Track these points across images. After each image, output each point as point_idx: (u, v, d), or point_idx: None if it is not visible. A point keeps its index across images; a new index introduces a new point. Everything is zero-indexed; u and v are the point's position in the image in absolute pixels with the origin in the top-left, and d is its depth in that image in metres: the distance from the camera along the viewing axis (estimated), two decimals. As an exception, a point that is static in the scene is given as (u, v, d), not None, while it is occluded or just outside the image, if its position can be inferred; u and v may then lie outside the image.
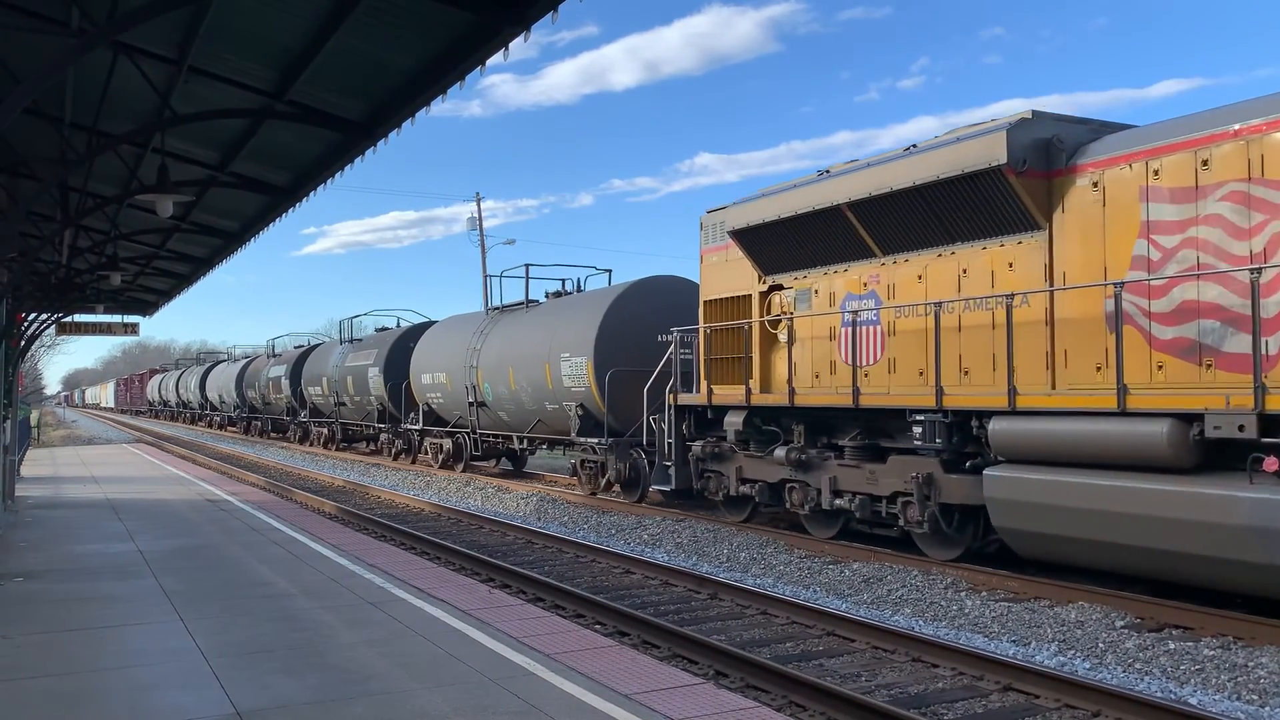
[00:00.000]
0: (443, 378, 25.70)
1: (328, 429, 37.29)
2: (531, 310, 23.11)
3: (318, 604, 8.96)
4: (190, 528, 14.36)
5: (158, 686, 6.57)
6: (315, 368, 37.67)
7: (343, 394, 33.89)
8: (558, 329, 20.61)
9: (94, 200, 13.45)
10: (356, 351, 33.21)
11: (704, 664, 8.44)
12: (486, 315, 25.13)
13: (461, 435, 25.79)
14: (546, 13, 7.01)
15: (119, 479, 23.22)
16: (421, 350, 27.66)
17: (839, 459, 13.52)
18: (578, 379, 19.55)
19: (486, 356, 23.37)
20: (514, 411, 22.67)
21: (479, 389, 23.67)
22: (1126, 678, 8.20)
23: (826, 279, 14.22)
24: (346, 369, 33.31)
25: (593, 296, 20.97)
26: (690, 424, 16.45)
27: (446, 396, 25.83)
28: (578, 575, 12.68)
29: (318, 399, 37.38)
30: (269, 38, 8.89)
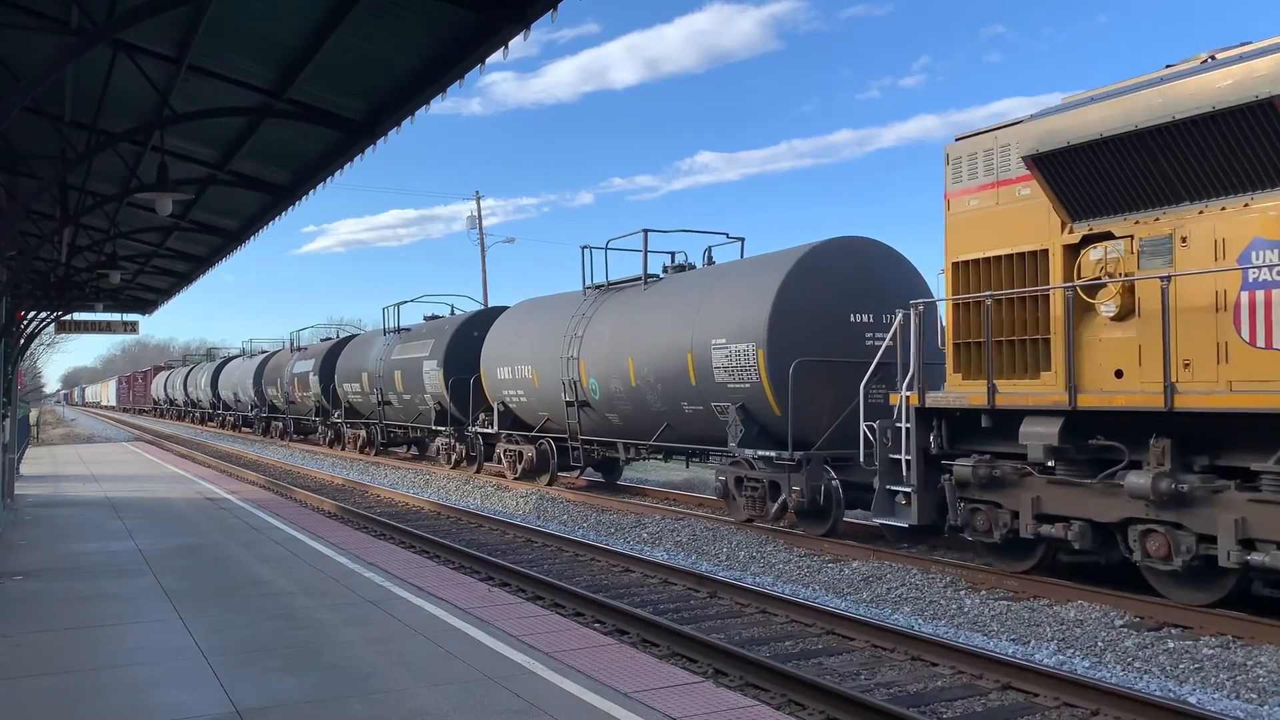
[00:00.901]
0: (526, 372, 21.42)
1: (365, 431, 32.87)
2: (654, 287, 18.42)
3: (317, 602, 8.96)
4: (190, 526, 14.36)
5: (157, 685, 6.57)
6: (352, 362, 32.85)
7: (388, 392, 29.27)
8: (705, 309, 16.09)
9: (93, 198, 13.46)
10: (406, 343, 28.46)
11: (703, 662, 8.44)
12: (584, 295, 20.44)
13: (546, 441, 21.68)
14: (546, 11, 7.02)
15: (119, 477, 23.22)
16: (495, 340, 23.29)
17: (1250, 491, 9.08)
18: (741, 372, 15.14)
19: (592, 345, 18.95)
20: (632, 414, 18.17)
21: (581, 385, 19.32)
22: (1126, 676, 8.20)
23: (1205, 219, 9.58)
24: (394, 363, 28.67)
25: (757, 266, 16.21)
26: (942, 435, 11.88)
27: (531, 394, 21.56)
28: (577, 574, 12.68)
29: (354, 397, 32.78)
30: (268, 36, 8.89)
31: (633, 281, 19.34)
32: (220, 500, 17.85)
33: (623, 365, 17.91)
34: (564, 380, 19.81)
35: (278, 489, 22.44)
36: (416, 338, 28.15)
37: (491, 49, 7.76)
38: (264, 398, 45.26)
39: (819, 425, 14.39)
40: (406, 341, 28.63)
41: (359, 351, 32.84)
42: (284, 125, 10.78)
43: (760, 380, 14.81)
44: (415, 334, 28.65)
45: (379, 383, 29.94)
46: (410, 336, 28.77)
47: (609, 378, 18.41)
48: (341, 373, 33.70)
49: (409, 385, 27.89)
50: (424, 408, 27.48)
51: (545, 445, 21.74)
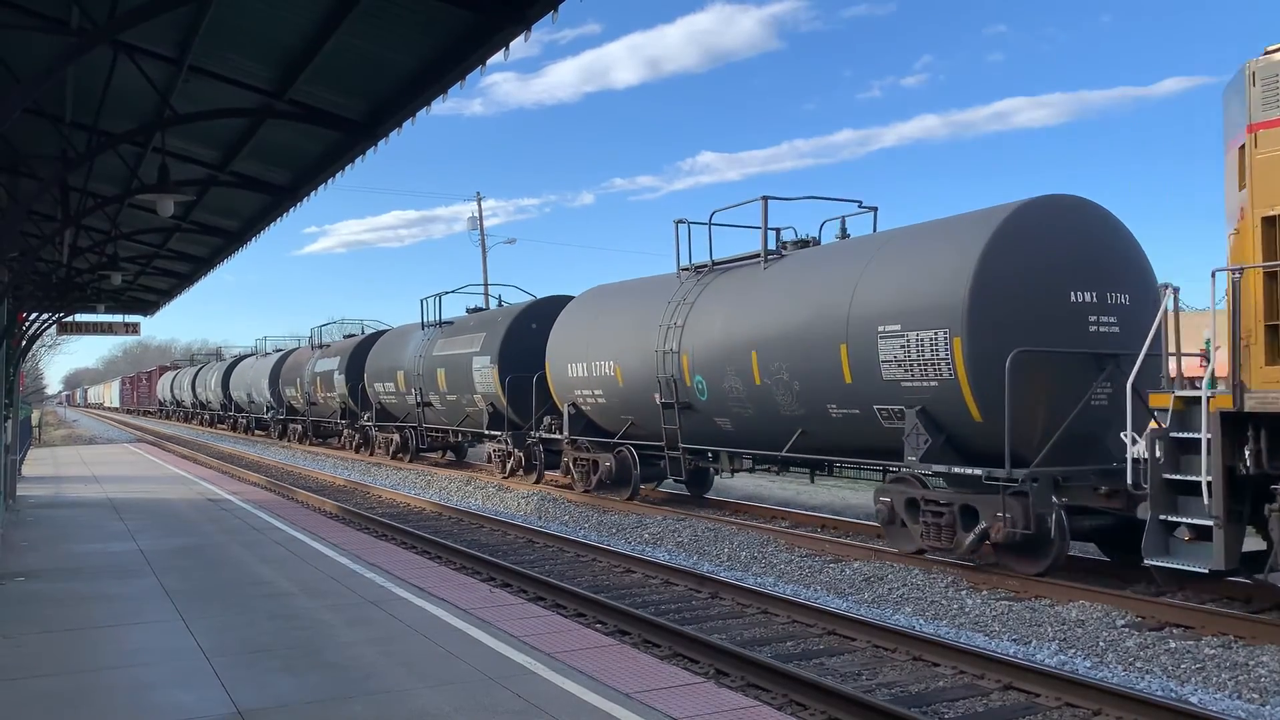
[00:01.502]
0: (607, 369, 18.53)
1: (399, 435, 29.92)
2: (777, 266, 15.29)
3: (318, 603, 8.97)
4: (191, 527, 14.37)
5: (158, 686, 6.57)
6: (385, 359, 29.94)
7: (429, 392, 26.40)
8: (864, 288, 12.93)
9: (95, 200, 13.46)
10: (450, 337, 25.70)
11: (705, 663, 8.44)
12: (680, 278, 17.43)
13: (627, 449, 18.58)
14: (547, 12, 7.02)
15: (120, 478, 23.23)
16: (565, 333, 20.30)
17: None
18: (924, 367, 11.90)
19: (697, 336, 16.06)
20: (753, 418, 15.15)
21: (682, 384, 16.43)
22: (1127, 676, 8.20)
23: None
24: (436, 360, 25.85)
25: (939, 232, 12.85)
26: (1261, 448, 8.86)
27: (613, 395, 18.60)
28: (579, 574, 12.68)
29: (388, 398, 29.85)
30: (269, 37, 8.89)
31: (748, 260, 16.23)
32: (222, 501, 17.86)
33: (743, 360, 14.88)
34: (660, 378, 16.84)
35: (279, 490, 22.45)
36: (463, 331, 25.34)
37: (492, 50, 7.76)
38: (281, 399, 42.43)
39: (1032, 434, 11.31)
40: (450, 336, 25.78)
41: (393, 348, 29.86)
42: (285, 126, 10.79)
43: (956, 376, 11.59)
44: (460, 327, 25.80)
45: (418, 382, 27.00)
46: (455, 330, 25.95)
47: (722, 375, 15.41)
48: (373, 371, 30.80)
49: (455, 384, 24.98)
50: (472, 409, 24.60)
51: (626, 453, 18.65)
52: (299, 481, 25.94)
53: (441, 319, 27.37)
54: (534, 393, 21.36)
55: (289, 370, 41.02)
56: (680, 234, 17.35)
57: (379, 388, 30.36)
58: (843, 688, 7.49)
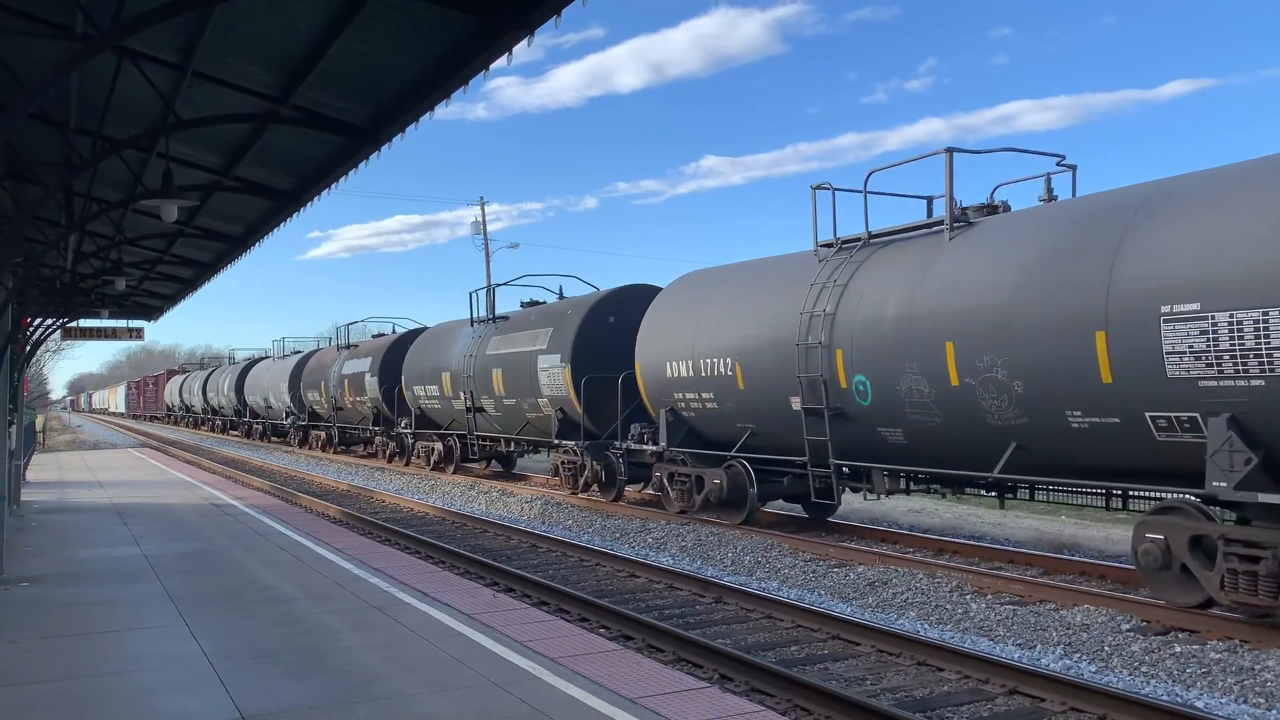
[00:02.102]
0: (722, 367, 15.52)
1: (442, 444, 27.21)
2: (968, 234, 12.15)
3: (322, 608, 8.96)
4: (195, 532, 14.37)
5: (162, 691, 6.57)
6: (427, 360, 26.94)
7: (481, 395, 23.54)
8: (1130, 255, 9.95)
9: (99, 205, 13.48)
10: (508, 334, 22.82)
11: (709, 668, 8.43)
12: (819, 256, 14.42)
13: (740, 464, 15.52)
14: (550, 16, 7.01)
15: (124, 483, 23.25)
16: (659, 326, 17.30)
17: None
18: (1241, 360, 9.01)
19: (857, 325, 12.96)
20: (941, 428, 12.02)
21: (835, 386, 13.22)
22: (1133, 681, 8.18)
23: None
24: (491, 359, 23.10)
25: (1262, 173, 9.52)
26: None
27: (729, 399, 15.53)
28: (582, 579, 12.67)
29: (430, 403, 26.94)
30: (273, 42, 8.91)
31: (922, 229, 13.16)
32: (225, 506, 17.87)
33: (930, 354, 11.79)
34: (801, 379, 13.69)
35: (283, 495, 22.46)
36: (523, 327, 22.41)
37: (495, 54, 7.76)
38: (302, 404, 39.65)
39: None
40: (508, 333, 22.88)
41: (435, 347, 26.86)
42: (288, 131, 10.80)
43: None
44: (520, 322, 22.83)
45: (469, 384, 24.03)
46: (513, 326, 22.97)
47: (896, 374, 12.26)
48: (412, 373, 27.79)
49: (515, 387, 22.05)
50: (535, 415, 21.64)
51: (740, 469, 15.53)
52: (303, 486, 25.94)
53: (495, 313, 24.36)
54: (619, 396, 18.55)
55: (312, 373, 38.30)
56: (820, 202, 14.59)
57: (419, 391, 27.45)
58: (847, 693, 7.47)
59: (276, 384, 43.24)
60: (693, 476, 16.61)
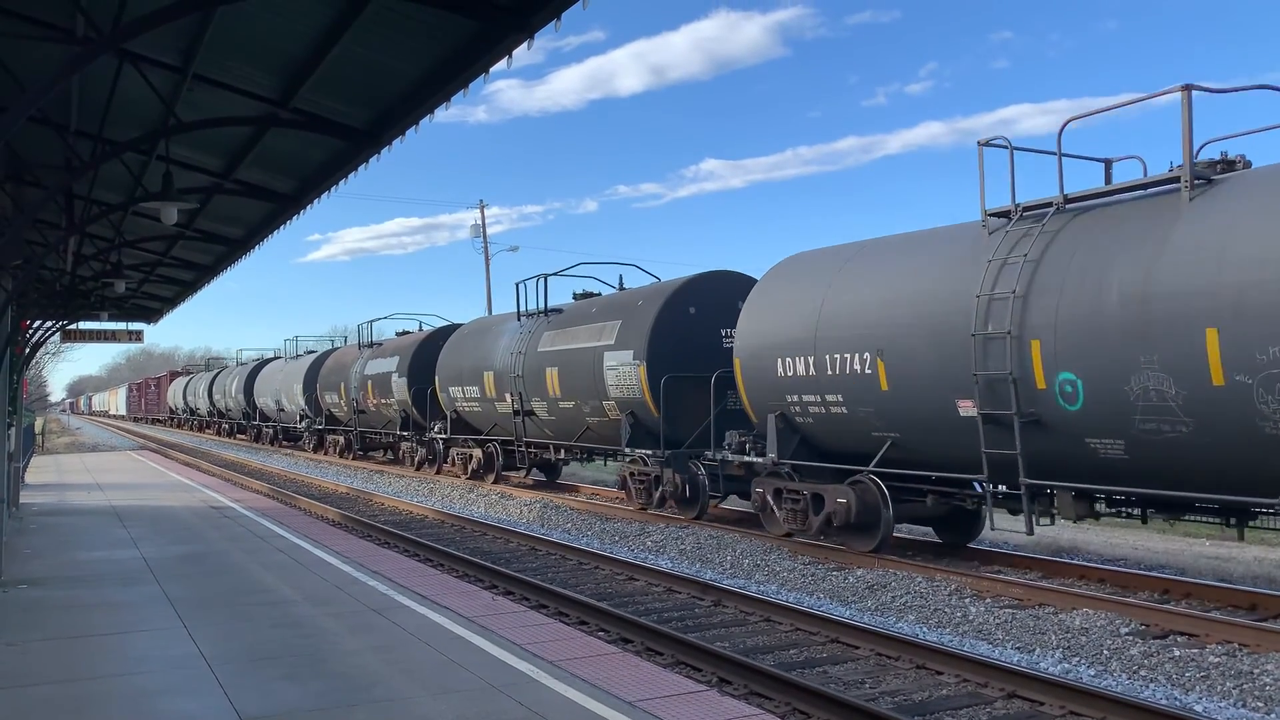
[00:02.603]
0: (859, 364, 12.79)
1: (481, 450, 24.68)
2: (1215, 192, 9.88)
3: (321, 611, 8.97)
4: (194, 534, 14.37)
5: (161, 693, 6.58)
6: (465, 358, 24.57)
7: (532, 398, 21.12)
8: None
9: (99, 208, 13.50)
10: (563, 329, 20.27)
11: (707, 671, 8.43)
12: (988, 228, 11.95)
13: (872, 481, 12.91)
14: (551, 20, 7.03)
15: (123, 486, 23.25)
16: (765, 317, 14.65)
17: None
18: None
19: (1063, 309, 10.66)
20: (1186, 439, 9.68)
21: (1030, 386, 10.86)
22: (1131, 684, 8.18)
23: None
24: (543, 357, 20.55)
25: None
26: None
27: (864, 401, 12.85)
28: (581, 582, 12.67)
29: (470, 406, 24.53)
30: (274, 45, 8.93)
31: (1143, 189, 10.69)
32: (225, 508, 17.87)
33: (1182, 346, 9.47)
34: (978, 376, 11.25)
35: (282, 497, 22.46)
36: (583, 320, 19.78)
37: (496, 58, 7.77)
38: (318, 407, 37.26)
39: None
40: (564, 327, 20.31)
41: (475, 344, 24.51)
42: (289, 134, 10.82)
43: None
44: (579, 315, 20.17)
45: (516, 385, 21.63)
46: (570, 319, 20.37)
47: (1124, 371, 9.95)
48: (448, 373, 25.47)
49: (574, 387, 19.54)
50: (598, 420, 19.08)
51: (872, 487, 12.87)
52: (302, 489, 25.93)
53: (548, 306, 21.78)
54: (710, 397, 16.16)
55: (330, 373, 35.73)
56: (980, 159, 12.01)
57: (455, 393, 25.00)
58: (846, 696, 7.47)
59: (290, 385, 40.95)
60: (807, 495, 13.83)
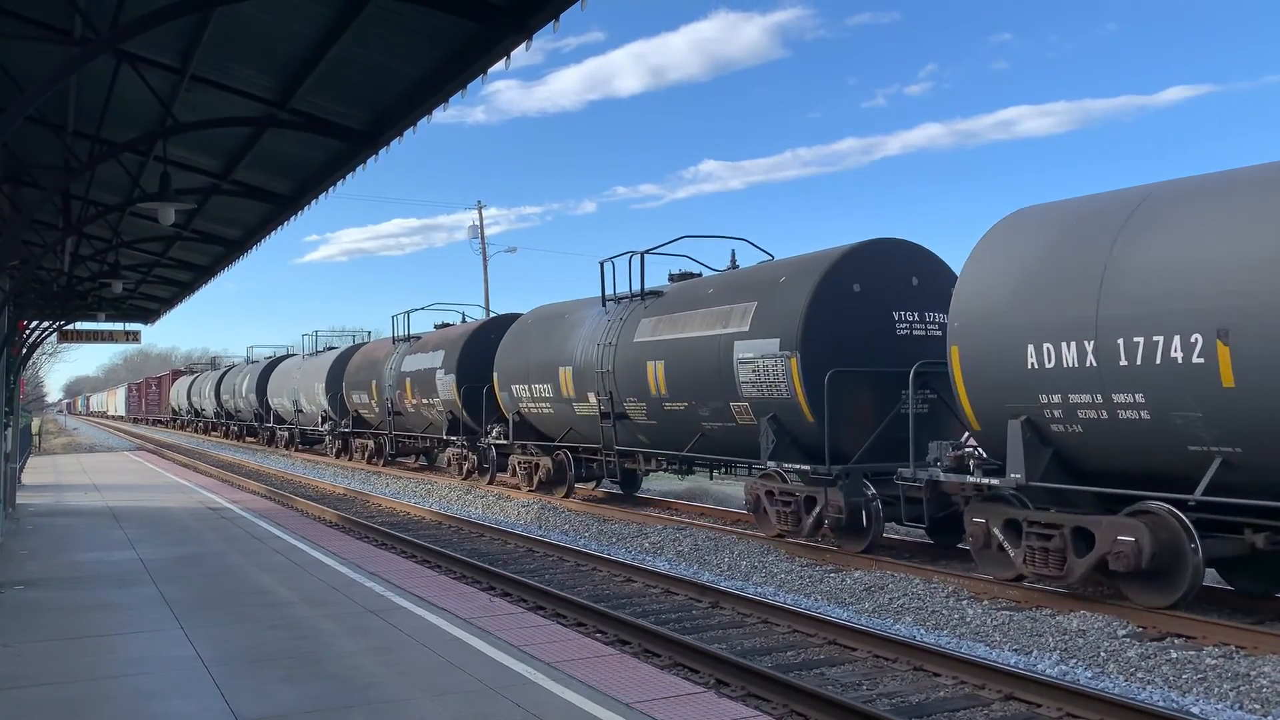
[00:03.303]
0: (1178, 350, 9.28)
1: (550, 459, 20.89)
2: None
3: (318, 612, 8.96)
4: (191, 536, 14.35)
5: (158, 695, 6.56)
6: (530, 351, 21.16)
7: (625, 398, 17.66)
8: None
9: (96, 208, 13.49)
10: (670, 315, 16.81)
11: (705, 672, 8.42)
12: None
13: (1171, 515, 9.54)
14: (549, 21, 7.04)
15: (120, 487, 23.22)
16: (996, 284, 11.14)
17: None
18: None
19: None
20: None
21: None
22: (1129, 687, 8.18)
23: None
24: (642, 349, 17.11)
25: None
26: None
27: (1182, 402, 9.32)
28: (579, 583, 12.67)
29: (537, 408, 21.11)
30: (272, 46, 8.92)
31: None
32: (222, 510, 17.84)
33: None
34: None
35: (279, 498, 22.44)
36: (695, 303, 16.32)
37: (494, 59, 7.78)
38: (344, 407, 33.99)
39: None
40: (670, 312, 16.80)
41: (545, 335, 21.03)
42: (287, 135, 10.82)
43: None
44: (689, 297, 16.74)
45: (604, 383, 18.19)
46: (677, 303, 16.86)
47: None
48: (509, 369, 21.99)
49: (690, 386, 15.96)
50: (719, 424, 15.57)
51: (1172, 523, 9.49)
52: (299, 490, 25.91)
53: (644, 288, 18.28)
54: (885, 398, 13.17)
55: (359, 371, 32.27)
56: None
57: (520, 392, 21.65)
58: (843, 698, 7.47)
59: (310, 384, 37.24)
60: (1066, 529, 10.32)
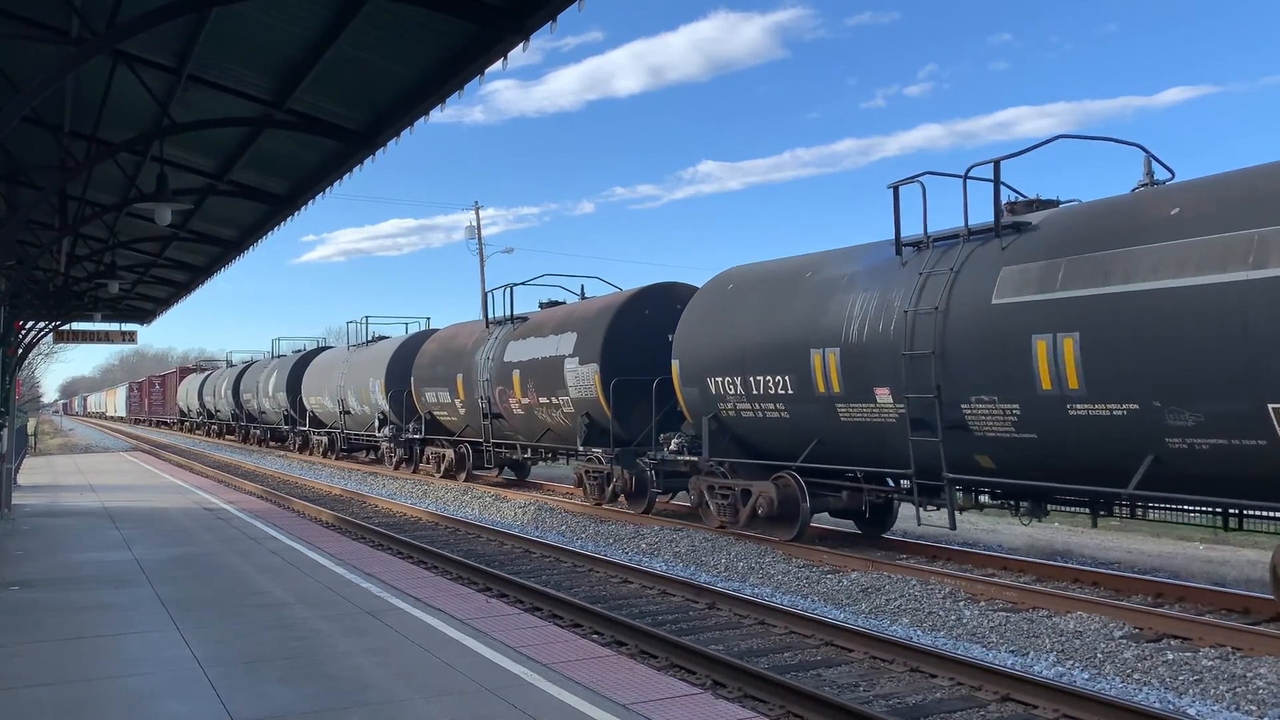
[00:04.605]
0: None
1: (775, 489, 14.05)
2: None
3: (315, 613, 8.94)
4: (187, 536, 14.33)
5: (154, 696, 6.55)
6: (747, 324, 14.73)
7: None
8: None
9: (93, 208, 13.49)
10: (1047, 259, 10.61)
11: (701, 674, 8.42)
12: None
13: None
14: (546, 22, 7.05)
15: (116, 487, 23.18)
16: None
17: None
18: None
19: None
20: None
21: None
22: (1125, 688, 8.19)
23: None
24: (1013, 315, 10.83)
25: None
26: None
27: None
28: (575, 584, 12.66)
29: (766, 411, 14.36)
30: (269, 47, 8.92)
31: None
32: (218, 510, 17.82)
33: None
34: None
35: (275, 499, 22.41)
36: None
37: (491, 60, 7.79)
38: (410, 409, 28.00)
39: None
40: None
41: (776, 297, 14.44)
42: (283, 135, 10.83)
43: None
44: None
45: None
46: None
47: None
48: (704, 355, 15.36)
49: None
50: None
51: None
52: (295, 491, 25.88)
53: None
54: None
55: (434, 363, 25.95)
56: None
57: (723, 388, 14.81)
58: (840, 699, 7.47)
59: (361, 381, 31.12)
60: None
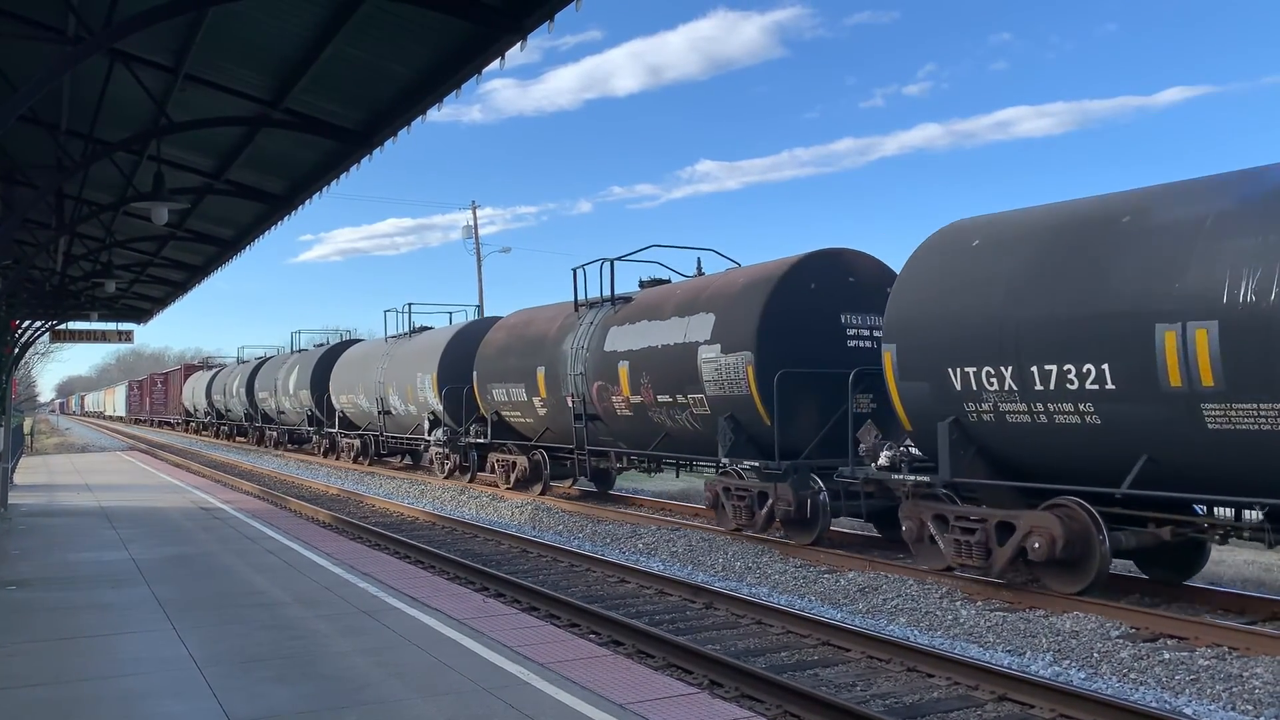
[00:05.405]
0: None
1: (1061, 521, 10.16)
2: None
3: (311, 613, 8.94)
4: (184, 536, 14.31)
5: (150, 695, 6.54)
6: (948, 307, 11.16)
7: None
8: None
9: (89, 208, 13.48)
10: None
11: (698, 673, 8.42)
12: None
13: None
14: (544, 22, 7.06)
15: (113, 487, 23.15)
16: None
17: None
18: None
19: None
20: None
21: None
22: (1122, 688, 8.20)
23: None
24: None
25: None
26: None
27: None
28: (572, 584, 12.66)
29: (1060, 412, 10.05)
30: (266, 46, 8.92)
31: None
32: (215, 510, 17.80)
33: None
34: None
35: (272, 499, 22.39)
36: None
37: (489, 59, 7.79)
38: (470, 408, 23.80)
39: None
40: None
41: (1078, 252, 10.14)
42: (281, 135, 10.82)
43: None
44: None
45: None
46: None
47: None
48: (927, 345, 11.47)
49: None
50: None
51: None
52: (292, 490, 25.85)
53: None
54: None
55: (504, 355, 22.00)
56: None
57: (977, 379, 10.95)
58: (837, 698, 7.47)
59: (407, 377, 27.27)
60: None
